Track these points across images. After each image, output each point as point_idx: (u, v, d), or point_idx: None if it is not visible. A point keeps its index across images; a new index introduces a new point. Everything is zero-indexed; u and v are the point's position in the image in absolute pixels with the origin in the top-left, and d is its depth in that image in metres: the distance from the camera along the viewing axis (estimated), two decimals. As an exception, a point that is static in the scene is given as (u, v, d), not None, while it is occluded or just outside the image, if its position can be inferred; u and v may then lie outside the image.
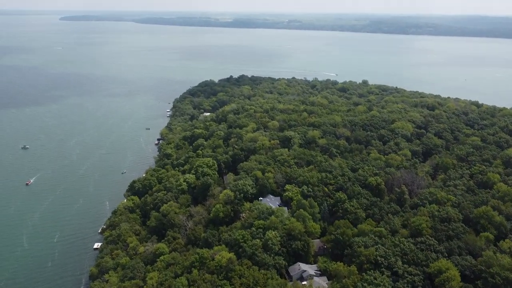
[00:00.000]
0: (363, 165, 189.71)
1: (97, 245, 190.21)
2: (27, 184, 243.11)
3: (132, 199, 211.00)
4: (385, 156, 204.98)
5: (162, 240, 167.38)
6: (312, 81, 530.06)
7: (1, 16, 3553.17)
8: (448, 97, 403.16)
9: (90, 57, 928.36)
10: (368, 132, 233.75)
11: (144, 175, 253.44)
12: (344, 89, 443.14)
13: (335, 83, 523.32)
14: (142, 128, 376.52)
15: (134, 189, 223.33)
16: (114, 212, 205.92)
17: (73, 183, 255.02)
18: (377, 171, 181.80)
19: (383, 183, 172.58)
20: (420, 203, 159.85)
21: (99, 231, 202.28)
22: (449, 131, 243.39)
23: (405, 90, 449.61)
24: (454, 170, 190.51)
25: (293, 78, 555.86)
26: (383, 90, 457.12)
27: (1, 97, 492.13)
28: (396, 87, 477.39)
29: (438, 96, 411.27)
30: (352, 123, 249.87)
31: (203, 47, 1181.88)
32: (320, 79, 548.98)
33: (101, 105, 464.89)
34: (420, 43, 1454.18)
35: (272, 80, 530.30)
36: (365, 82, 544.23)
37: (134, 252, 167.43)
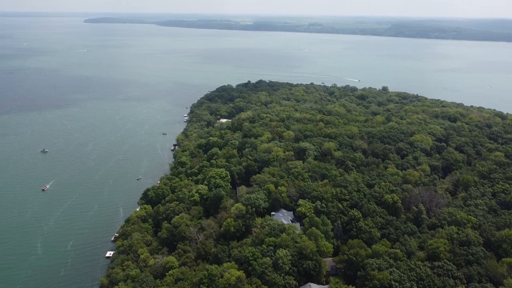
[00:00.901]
0: (380, 180, 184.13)
1: (109, 253, 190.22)
2: (43, 190, 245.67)
3: (145, 208, 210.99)
4: (403, 171, 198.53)
5: (173, 253, 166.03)
6: (330, 87, 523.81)
7: (27, 18, 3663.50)
8: (471, 106, 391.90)
9: (111, 59, 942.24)
10: (386, 145, 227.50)
11: (158, 182, 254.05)
12: (363, 96, 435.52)
13: (354, 89, 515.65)
14: (158, 133, 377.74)
15: (148, 197, 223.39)
16: (127, 221, 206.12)
17: (88, 189, 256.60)
18: (394, 188, 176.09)
19: (399, 201, 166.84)
20: (439, 224, 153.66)
21: (112, 239, 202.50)
22: (471, 145, 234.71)
23: (426, 98, 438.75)
24: (476, 188, 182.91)
25: (311, 83, 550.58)
26: (403, 97, 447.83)
27: (24, 99, 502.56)
28: (417, 94, 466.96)
29: (460, 105, 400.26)
30: (369, 134, 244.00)
31: (222, 50, 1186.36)
32: (342, 84, 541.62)
33: (119, 108, 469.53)
34: (443, 47, 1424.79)
35: (290, 85, 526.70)
36: (385, 89, 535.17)
37: (144, 264, 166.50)
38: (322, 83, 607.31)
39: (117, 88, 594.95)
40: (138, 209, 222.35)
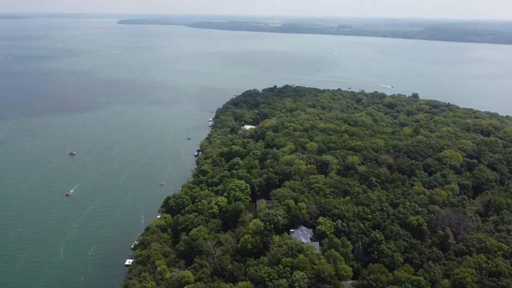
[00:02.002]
0: (405, 200, 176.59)
1: (128, 261, 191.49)
2: (67, 195, 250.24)
3: (165, 217, 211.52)
4: (430, 190, 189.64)
5: (189, 267, 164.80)
6: (358, 93, 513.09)
7: (64, 19, 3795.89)
8: (507, 116, 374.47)
9: (142, 61, 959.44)
10: (413, 161, 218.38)
11: (180, 189, 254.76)
12: (392, 105, 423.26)
13: (382, 96, 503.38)
14: (183, 138, 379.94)
15: (168, 205, 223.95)
16: (147, 229, 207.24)
17: (112, 194, 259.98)
18: (420, 209, 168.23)
19: (425, 223, 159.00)
20: (466, 250, 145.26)
21: (132, 246, 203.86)
22: (505, 163, 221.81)
23: (458, 108, 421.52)
24: (509, 211, 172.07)
25: (339, 89, 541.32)
26: (434, 106, 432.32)
27: (55, 101, 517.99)
28: (449, 103, 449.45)
29: (495, 115, 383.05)
30: (396, 148, 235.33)
31: (250, 53, 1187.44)
32: (374, 90, 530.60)
33: (146, 112, 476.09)
34: (479, 51, 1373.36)
35: (316, 91, 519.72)
36: (415, 96, 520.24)
37: (160, 276, 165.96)
38: (349, 88, 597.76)
39: (145, 90, 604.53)
40: (158, 217, 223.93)
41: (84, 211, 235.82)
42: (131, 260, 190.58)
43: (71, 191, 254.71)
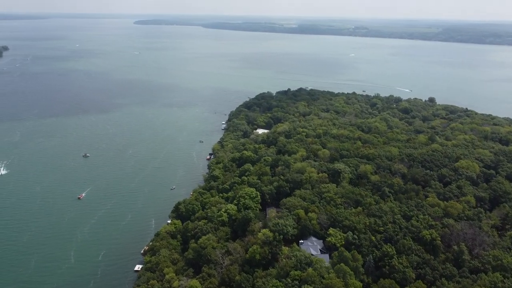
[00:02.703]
0: (418, 212, 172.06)
1: (138, 267, 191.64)
2: (79, 198, 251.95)
3: (175, 224, 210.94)
4: (445, 202, 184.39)
5: (197, 276, 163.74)
6: (372, 97, 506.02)
7: (82, 19, 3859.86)
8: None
9: (157, 62, 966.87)
10: (427, 171, 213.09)
11: (191, 194, 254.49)
12: (407, 110, 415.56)
13: (398, 100, 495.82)
14: (196, 141, 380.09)
15: (179, 211, 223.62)
16: (157, 235, 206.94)
17: (123, 197, 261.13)
18: (434, 223, 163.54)
19: (439, 238, 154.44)
20: (482, 268, 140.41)
21: (142, 251, 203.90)
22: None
23: (476, 113, 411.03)
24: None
25: (353, 93, 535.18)
26: (451, 111, 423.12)
27: (72, 102, 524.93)
28: (466, 108, 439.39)
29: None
30: (410, 157, 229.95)
31: (264, 54, 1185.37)
32: (392, 94, 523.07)
33: (160, 114, 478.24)
34: (499, 54, 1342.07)
35: (330, 94, 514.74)
36: (431, 100, 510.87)
37: (169, 285, 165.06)
38: (364, 91, 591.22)
39: (160, 92, 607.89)
40: (169, 221, 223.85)
41: (96, 214, 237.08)
42: (140, 266, 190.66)
43: (83, 195, 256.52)
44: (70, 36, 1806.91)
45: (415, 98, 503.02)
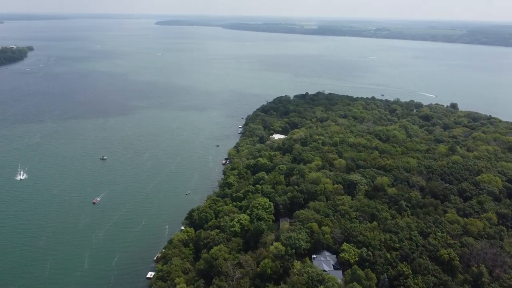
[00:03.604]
0: (436, 229, 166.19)
1: (150, 274, 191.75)
2: (94, 203, 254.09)
3: (187, 232, 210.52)
4: (464, 218, 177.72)
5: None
6: (392, 102, 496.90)
7: (105, 20, 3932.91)
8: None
9: (177, 64, 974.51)
10: (447, 184, 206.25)
11: (205, 200, 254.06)
12: (428, 117, 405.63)
13: (418, 105, 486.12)
14: (212, 145, 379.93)
15: (192, 218, 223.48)
16: (170, 242, 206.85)
17: (138, 202, 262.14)
18: (452, 241, 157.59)
19: (457, 258, 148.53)
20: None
21: (154, 258, 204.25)
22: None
23: (500, 121, 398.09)
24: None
25: (372, 98, 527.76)
26: (473, 119, 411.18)
27: (92, 104, 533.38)
28: (490, 115, 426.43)
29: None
30: (429, 169, 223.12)
31: (283, 57, 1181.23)
32: (414, 99, 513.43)
33: (177, 117, 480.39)
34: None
35: (349, 99, 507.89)
36: (454, 106, 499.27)
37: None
38: (382, 95, 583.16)
39: (178, 94, 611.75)
40: (182, 228, 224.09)
41: (111, 219, 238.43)
42: (152, 273, 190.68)
43: (98, 199, 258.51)
44: (93, 36, 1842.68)
45: (437, 104, 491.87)
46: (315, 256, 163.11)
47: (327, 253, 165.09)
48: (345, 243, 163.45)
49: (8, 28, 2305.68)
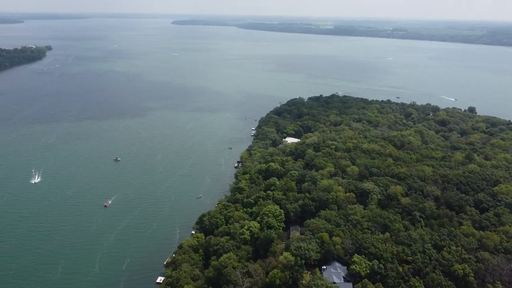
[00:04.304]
0: (451, 242, 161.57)
1: (160, 279, 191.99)
2: (105, 206, 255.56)
3: (197, 237, 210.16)
4: (480, 231, 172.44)
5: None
6: (408, 106, 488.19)
7: (121, 19, 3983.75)
8: None
9: (191, 64, 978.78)
10: (463, 195, 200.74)
11: (216, 204, 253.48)
12: (444, 121, 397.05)
13: (435, 109, 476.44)
14: (225, 147, 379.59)
15: (202, 223, 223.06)
16: (180, 247, 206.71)
17: (150, 205, 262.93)
18: (467, 256, 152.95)
19: (472, 274, 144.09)
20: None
21: (165, 263, 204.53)
22: None
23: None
24: None
25: (388, 100, 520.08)
26: (492, 124, 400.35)
27: (107, 104, 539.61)
28: (510, 120, 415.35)
29: None
30: (444, 178, 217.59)
31: (299, 57, 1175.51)
32: (433, 103, 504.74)
33: (191, 118, 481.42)
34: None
35: (364, 102, 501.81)
36: (471, 110, 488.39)
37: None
38: (397, 97, 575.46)
39: (192, 95, 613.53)
40: (193, 232, 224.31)
41: (122, 222, 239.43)
42: (162, 278, 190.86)
43: (109, 202, 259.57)
44: (110, 36, 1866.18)
45: (454, 108, 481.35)
46: (325, 267, 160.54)
47: (337, 264, 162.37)
48: (356, 254, 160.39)
49: (28, 28, 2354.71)
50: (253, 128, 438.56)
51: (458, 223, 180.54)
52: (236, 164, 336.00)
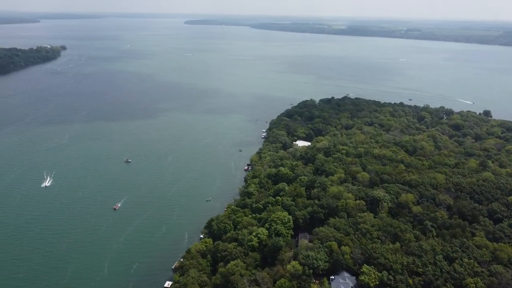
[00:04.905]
0: (463, 254, 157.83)
1: (168, 283, 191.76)
2: (114, 209, 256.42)
3: (206, 242, 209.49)
4: (494, 243, 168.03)
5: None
6: (421, 108, 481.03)
7: (135, 19, 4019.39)
8: None
9: (203, 65, 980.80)
10: (476, 204, 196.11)
11: (225, 209, 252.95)
12: (458, 126, 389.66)
13: (449, 112, 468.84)
14: (235, 150, 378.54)
15: (211, 228, 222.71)
16: (188, 252, 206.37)
17: (159, 208, 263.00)
18: (479, 269, 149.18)
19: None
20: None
21: (173, 267, 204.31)
22: None
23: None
24: None
25: (401, 103, 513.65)
26: (508, 129, 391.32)
27: (119, 105, 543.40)
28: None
29: None
30: (457, 187, 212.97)
31: (311, 58, 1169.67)
32: (450, 106, 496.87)
33: (201, 120, 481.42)
34: None
35: (376, 104, 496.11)
36: (487, 114, 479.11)
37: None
38: (410, 99, 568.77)
39: (203, 97, 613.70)
40: (202, 236, 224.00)
41: (132, 225, 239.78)
42: (170, 283, 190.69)
43: (119, 205, 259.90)
44: (123, 36, 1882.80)
45: (468, 111, 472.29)
46: (333, 277, 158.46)
47: (346, 274, 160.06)
48: (365, 264, 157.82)
49: (44, 27, 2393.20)
50: (264, 130, 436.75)
51: (471, 233, 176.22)
52: (246, 167, 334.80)
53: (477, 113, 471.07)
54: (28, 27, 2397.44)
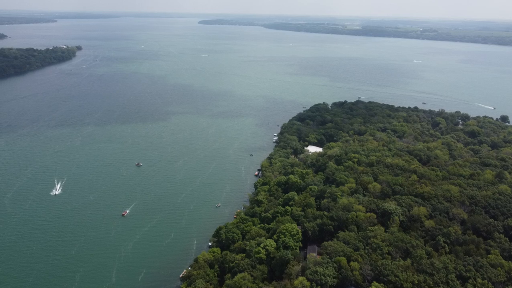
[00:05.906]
0: (476, 273, 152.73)
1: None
2: (123, 215, 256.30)
3: (213, 251, 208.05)
4: (510, 262, 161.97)
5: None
6: (436, 113, 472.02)
7: (149, 18, 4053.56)
8: None
9: (216, 66, 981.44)
10: (491, 219, 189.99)
11: (235, 215, 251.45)
12: (474, 133, 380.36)
13: (464, 117, 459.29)
14: (246, 154, 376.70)
15: (219, 236, 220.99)
16: (196, 261, 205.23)
17: (169, 214, 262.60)
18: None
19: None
20: None
21: (180, 275, 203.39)
22: None
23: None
24: None
25: (415, 108, 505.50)
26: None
27: (131, 107, 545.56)
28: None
29: None
30: (472, 200, 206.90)
31: (324, 59, 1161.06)
32: (470, 111, 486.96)
33: (212, 123, 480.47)
34: None
35: (389, 109, 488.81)
36: (504, 119, 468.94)
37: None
38: (424, 103, 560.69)
39: (214, 99, 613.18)
40: (210, 244, 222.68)
41: (140, 231, 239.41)
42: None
43: (127, 211, 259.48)
44: (138, 36, 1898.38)
45: (485, 117, 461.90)
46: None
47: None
48: (374, 282, 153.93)
49: (61, 27, 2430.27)
50: (275, 135, 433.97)
51: (486, 251, 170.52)
52: (256, 172, 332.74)
53: (494, 118, 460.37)
54: (45, 26, 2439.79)
